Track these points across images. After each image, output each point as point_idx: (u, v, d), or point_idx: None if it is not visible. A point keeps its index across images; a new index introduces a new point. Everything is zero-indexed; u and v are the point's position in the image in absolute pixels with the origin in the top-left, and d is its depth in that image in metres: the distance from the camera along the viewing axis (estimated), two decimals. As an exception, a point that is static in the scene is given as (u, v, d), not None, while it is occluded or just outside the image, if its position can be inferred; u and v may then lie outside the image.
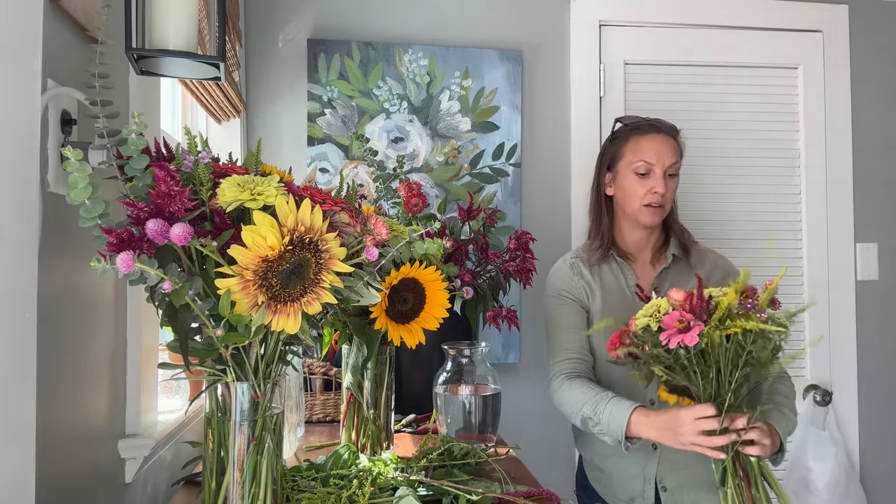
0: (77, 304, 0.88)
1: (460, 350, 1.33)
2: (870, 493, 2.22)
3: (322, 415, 1.59)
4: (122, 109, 1.02)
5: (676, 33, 2.22)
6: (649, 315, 1.11)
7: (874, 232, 2.28)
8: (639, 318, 1.12)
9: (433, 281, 1.15)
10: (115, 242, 0.66)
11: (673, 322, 1.06)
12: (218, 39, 0.91)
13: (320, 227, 0.71)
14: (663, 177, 1.48)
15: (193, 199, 0.72)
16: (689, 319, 1.05)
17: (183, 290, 0.68)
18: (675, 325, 1.05)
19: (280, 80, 2.05)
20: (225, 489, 0.78)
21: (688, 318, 1.05)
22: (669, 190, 1.50)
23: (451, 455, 1.15)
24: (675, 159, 1.50)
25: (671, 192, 1.51)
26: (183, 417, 1.28)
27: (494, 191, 2.09)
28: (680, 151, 1.53)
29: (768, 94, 2.25)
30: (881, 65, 2.32)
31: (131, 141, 0.70)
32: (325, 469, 1.08)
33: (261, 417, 0.79)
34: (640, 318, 1.12)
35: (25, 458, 0.67)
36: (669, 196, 1.50)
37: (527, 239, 1.68)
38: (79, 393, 0.88)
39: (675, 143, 1.52)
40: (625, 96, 2.18)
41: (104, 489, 0.98)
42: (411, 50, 2.07)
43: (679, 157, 1.52)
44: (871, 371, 2.26)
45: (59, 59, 0.80)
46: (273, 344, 0.79)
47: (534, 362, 2.11)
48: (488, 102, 2.10)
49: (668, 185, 1.49)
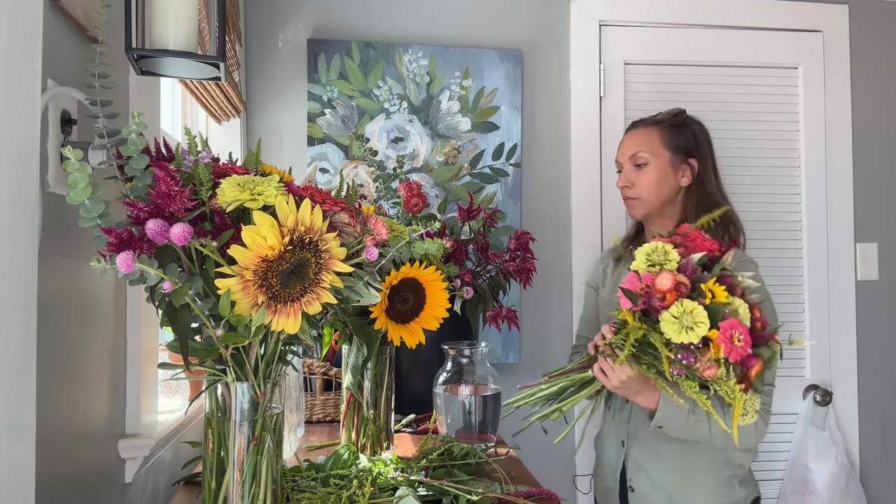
0: (77, 304, 0.88)
1: (460, 350, 1.33)
2: (870, 493, 2.22)
3: (322, 415, 1.59)
4: (122, 109, 1.02)
5: (676, 33, 2.22)
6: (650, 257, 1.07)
7: (874, 232, 2.28)
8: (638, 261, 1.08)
9: (433, 281, 1.15)
10: (115, 242, 0.66)
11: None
12: (218, 39, 0.91)
13: (320, 227, 0.71)
14: (629, 169, 1.46)
15: (193, 199, 0.72)
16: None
17: (183, 290, 0.68)
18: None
19: (280, 80, 2.05)
20: (225, 489, 0.78)
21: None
22: (640, 181, 1.44)
23: (451, 455, 1.15)
24: (636, 149, 1.45)
25: (644, 183, 1.44)
26: (183, 417, 1.28)
27: (494, 191, 2.09)
28: (662, 139, 1.44)
29: (768, 94, 2.25)
30: (881, 65, 2.32)
31: (131, 141, 0.70)
32: (325, 469, 1.08)
33: (261, 417, 0.79)
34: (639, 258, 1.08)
35: (25, 458, 0.67)
36: (643, 187, 1.44)
37: (527, 239, 1.68)
38: (79, 393, 0.88)
39: (648, 132, 1.46)
40: (625, 96, 2.18)
41: (104, 489, 0.98)
42: (411, 50, 2.07)
43: (649, 145, 1.44)
44: (871, 371, 2.26)
45: (59, 59, 0.80)
46: (273, 344, 0.79)
47: (534, 362, 2.11)
48: (488, 102, 2.10)
49: (633, 176, 1.45)
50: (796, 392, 2.21)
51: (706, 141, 1.48)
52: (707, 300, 1.02)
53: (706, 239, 1.11)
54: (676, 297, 1.02)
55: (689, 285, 1.03)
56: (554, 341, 2.12)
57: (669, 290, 1.02)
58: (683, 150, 1.44)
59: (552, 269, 2.12)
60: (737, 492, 1.36)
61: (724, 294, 1.03)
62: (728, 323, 1.00)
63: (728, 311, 1.03)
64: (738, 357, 0.99)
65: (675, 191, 1.45)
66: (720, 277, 1.07)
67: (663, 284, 1.02)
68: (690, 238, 1.11)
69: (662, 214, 1.46)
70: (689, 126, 1.47)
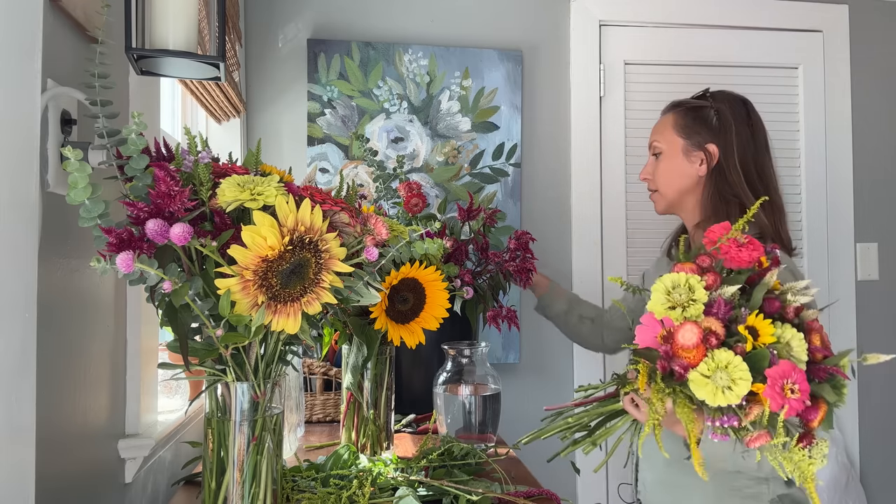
0: (77, 304, 0.88)
1: (460, 350, 1.33)
2: (870, 493, 2.22)
3: (322, 415, 1.59)
4: (122, 109, 1.02)
5: (676, 33, 2.22)
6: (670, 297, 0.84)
7: (874, 232, 2.28)
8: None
9: (433, 281, 1.15)
10: (115, 242, 0.66)
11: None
12: (218, 39, 0.91)
13: (320, 227, 0.71)
14: (650, 160, 1.38)
15: (193, 199, 0.72)
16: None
17: (183, 290, 0.68)
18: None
19: (280, 80, 2.05)
20: (225, 489, 0.78)
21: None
22: (656, 172, 1.36)
23: (451, 455, 1.15)
24: (652, 138, 1.37)
25: (658, 174, 1.36)
26: (183, 417, 1.28)
27: (494, 191, 2.09)
28: (675, 125, 1.34)
29: (768, 94, 2.24)
30: (881, 65, 2.32)
31: (131, 141, 0.70)
32: (325, 469, 1.08)
33: (261, 417, 0.79)
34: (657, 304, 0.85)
35: (25, 458, 0.67)
36: (658, 178, 1.36)
37: (527, 239, 1.68)
38: (79, 393, 0.88)
39: (667, 119, 1.37)
40: (625, 96, 2.18)
41: (104, 489, 0.98)
42: (411, 50, 2.07)
43: (663, 133, 1.35)
44: (871, 371, 2.26)
45: (59, 59, 0.80)
46: (273, 344, 0.79)
47: (534, 362, 2.11)
48: (488, 102, 2.10)
49: (652, 167, 1.38)
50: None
51: (736, 123, 1.29)
52: (748, 345, 0.80)
53: (745, 246, 0.87)
54: (706, 351, 0.80)
55: (721, 334, 0.81)
56: (554, 341, 2.12)
57: (696, 345, 0.80)
58: (699, 135, 1.31)
59: (552, 269, 2.12)
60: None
61: (769, 331, 0.82)
62: (778, 370, 0.78)
63: (777, 351, 0.81)
64: (794, 412, 0.80)
65: (692, 181, 1.32)
66: (765, 302, 0.85)
67: (687, 341, 0.80)
68: (724, 252, 0.88)
69: (683, 209, 1.36)
70: (714, 107, 1.31)
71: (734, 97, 1.34)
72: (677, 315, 0.83)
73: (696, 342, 0.79)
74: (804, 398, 0.79)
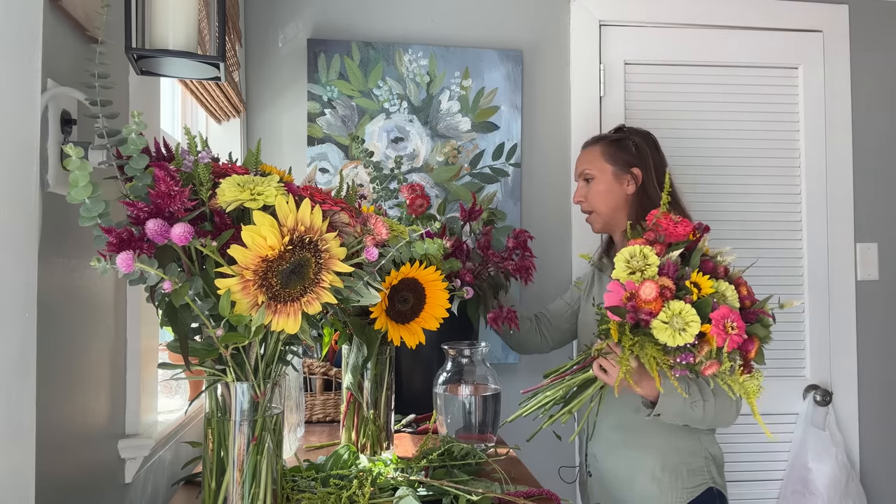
0: (77, 304, 0.88)
1: (460, 350, 1.33)
2: (870, 493, 2.22)
3: (322, 415, 1.59)
4: (122, 109, 1.02)
5: (676, 33, 2.22)
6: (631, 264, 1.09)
7: (874, 232, 2.28)
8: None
9: (433, 281, 1.15)
10: (115, 242, 0.66)
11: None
12: (218, 39, 0.91)
13: (320, 227, 0.71)
14: (581, 185, 1.60)
15: (193, 199, 0.72)
16: None
17: (183, 290, 0.68)
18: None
19: (280, 80, 2.04)
20: (225, 489, 0.78)
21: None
22: (590, 195, 1.58)
23: (451, 455, 1.15)
24: (582, 167, 1.60)
25: (593, 196, 1.58)
26: (183, 417, 1.28)
27: (494, 191, 2.09)
28: (604, 155, 1.57)
29: (768, 94, 2.25)
30: (881, 65, 2.31)
31: (131, 141, 0.70)
32: (325, 469, 1.08)
33: (261, 417, 0.79)
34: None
35: (25, 458, 0.67)
36: (592, 200, 1.58)
37: (525, 237, 1.69)
38: (79, 393, 0.88)
39: (593, 150, 1.60)
40: (625, 96, 2.18)
41: (104, 489, 0.98)
42: (411, 50, 2.07)
43: (593, 162, 1.58)
44: (871, 371, 2.26)
45: (59, 59, 0.80)
46: (273, 344, 0.79)
47: (534, 362, 2.11)
48: (488, 102, 2.10)
49: (584, 191, 1.59)
50: (796, 392, 2.21)
51: (650, 150, 1.58)
52: (694, 296, 1.03)
53: (677, 223, 1.12)
54: (663, 302, 1.03)
55: (673, 288, 1.04)
56: (554, 341, 2.12)
57: (655, 298, 1.03)
58: (625, 161, 1.56)
59: (552, 269, 2.12)
60: (684, 480, 1.42)
61: (709, 284, 1.05)
62: (719, 313, 1.01)
63: (716, 300, 1.04)
64: (735, 345, 1.01)
65: (623, 199, 1.56)
66: (701, 264, 1.09)
67: (648, 294, 1.04)
68: (663, 226, 1.12)
69: (615, 223, 1.58)
70: (631, 138, 1.59)
71: (643, 131, 1.63)
72: (637, 278, 1.06)
73: (655, 295, 1.03)
74: (741, 333, 1.01)
